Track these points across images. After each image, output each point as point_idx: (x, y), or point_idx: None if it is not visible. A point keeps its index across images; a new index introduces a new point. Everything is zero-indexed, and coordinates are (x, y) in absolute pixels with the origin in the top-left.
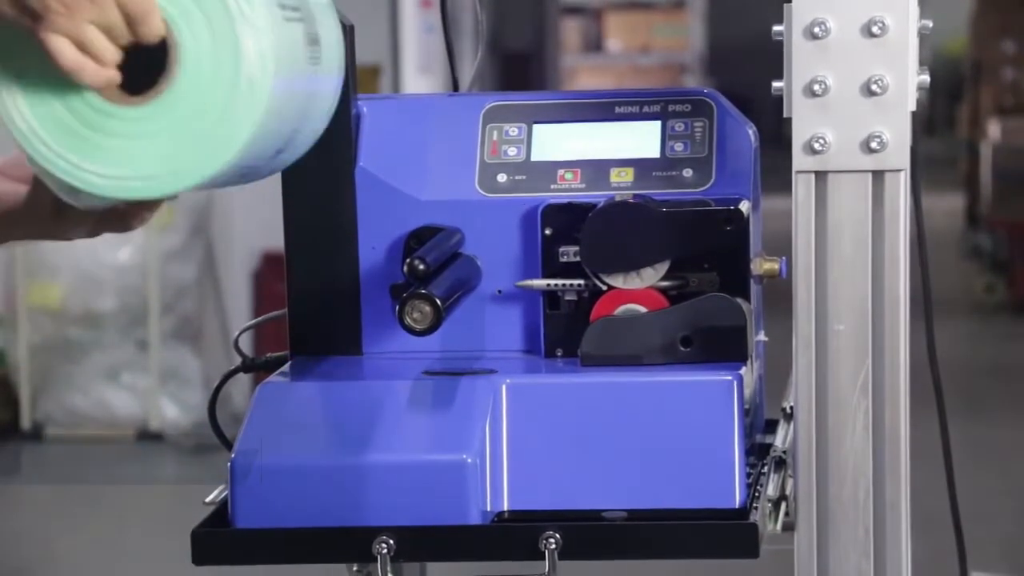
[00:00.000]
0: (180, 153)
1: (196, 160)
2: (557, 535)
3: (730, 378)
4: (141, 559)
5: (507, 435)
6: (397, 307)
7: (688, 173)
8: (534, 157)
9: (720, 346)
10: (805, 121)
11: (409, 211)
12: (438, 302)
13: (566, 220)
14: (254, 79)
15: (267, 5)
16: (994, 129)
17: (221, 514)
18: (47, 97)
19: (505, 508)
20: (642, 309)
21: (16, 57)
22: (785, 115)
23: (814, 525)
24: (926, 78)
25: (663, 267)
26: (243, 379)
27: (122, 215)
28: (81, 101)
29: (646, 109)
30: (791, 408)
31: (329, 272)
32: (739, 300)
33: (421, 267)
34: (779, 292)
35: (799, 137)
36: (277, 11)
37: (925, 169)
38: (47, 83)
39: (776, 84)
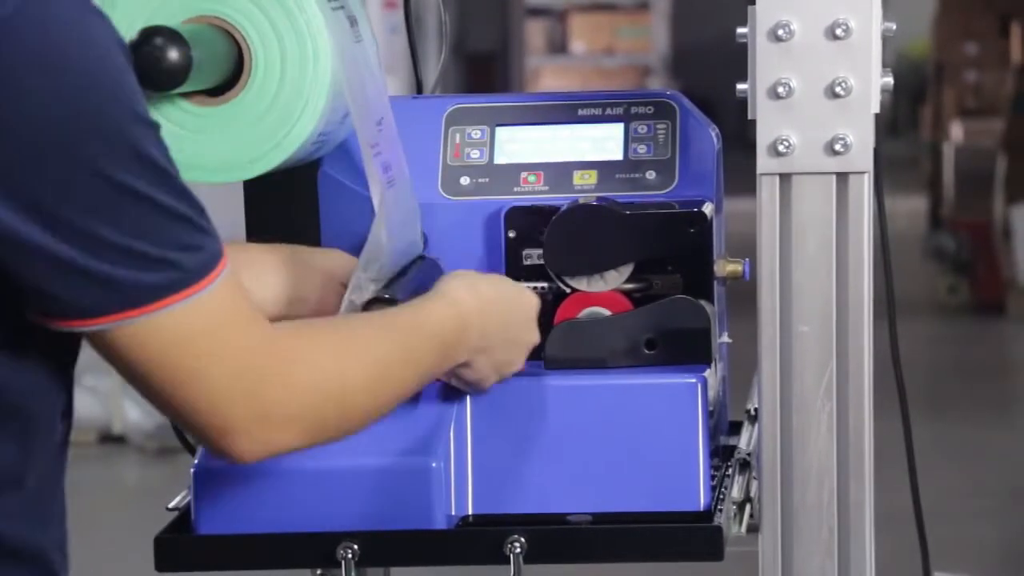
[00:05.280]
0: (273, 130)
1: (286, 133)
2: (522, 539)
3: (694, 380)
4: (103, 565)
5: (471, 439)
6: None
7: (651, 175)
8: (497, 160)
9: (684, 348)
10: (769, 123)
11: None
12: None
13: (530, 223)
14: (319, 63)
15: (317, 2)
16: (957, 131)
17: (184, 519)
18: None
19: (470, 512)
20: (606, 312)
21: None
22: (749, 117)
23: (778, 526)
24: (889, 80)
25: (627, 270)
26: None
27: None
28: (176, 109)
29: (609, 111)
30: (755, 410)
31: None
32: (703, 302)
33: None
34: (743, 294)
35: (763, 139)
36: (325, 4)
37: (888, 171)
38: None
39: (740, 86)
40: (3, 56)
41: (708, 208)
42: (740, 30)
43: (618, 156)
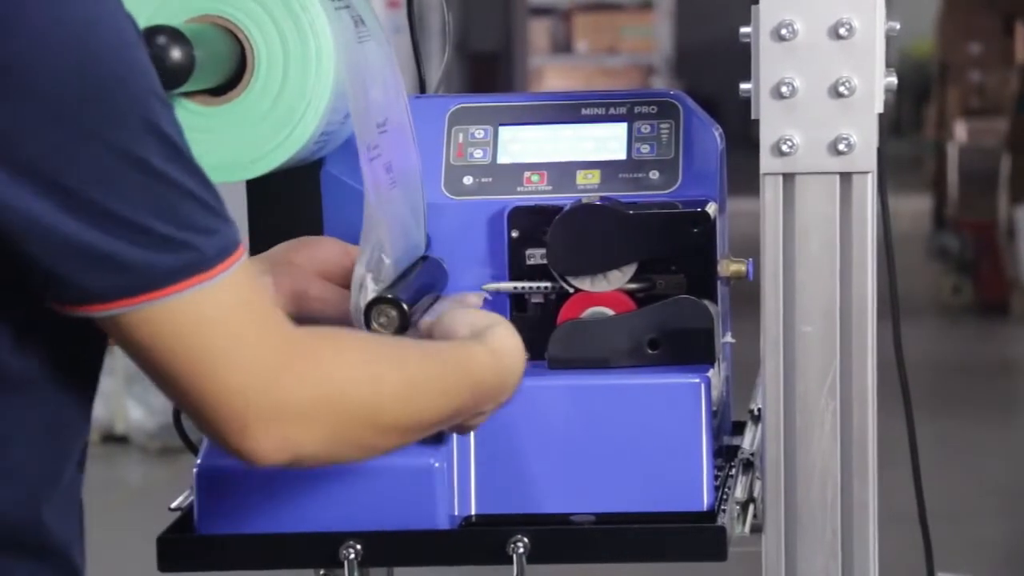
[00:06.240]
0: (276, 129)
1: (288, 132)
2: (525, 539)
3: (697, 380)
4: (105, 565)
5: (474, 439)
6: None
7: (655, 175)
8: (500, 159)
9: (687, 348)
10: (773, 123)
11: None
12: (404, 306)
13: (533, 222)
14: (322, 63)
15: (321, 1)
16: (960, 130)
17: (186, 520)
18: None
19: (473, 512)
20: (609, 312)
21: None
22: (753, 117)
23: (782, 527)
24: (893, 80)
25: (630, 269)
26: None
27: None
28: (178, 108)
29: (612, 111)
30: (759, 410)
31: None
32: (706, 302)
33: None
34: (746, 294)
35: (767, 139)
36: (328, 4)
37: (892, 170)
38: None
39: (744, 86)
40: (11, 36)
41: (711, 208)
42: (743, 29)
43: (621, 156)
